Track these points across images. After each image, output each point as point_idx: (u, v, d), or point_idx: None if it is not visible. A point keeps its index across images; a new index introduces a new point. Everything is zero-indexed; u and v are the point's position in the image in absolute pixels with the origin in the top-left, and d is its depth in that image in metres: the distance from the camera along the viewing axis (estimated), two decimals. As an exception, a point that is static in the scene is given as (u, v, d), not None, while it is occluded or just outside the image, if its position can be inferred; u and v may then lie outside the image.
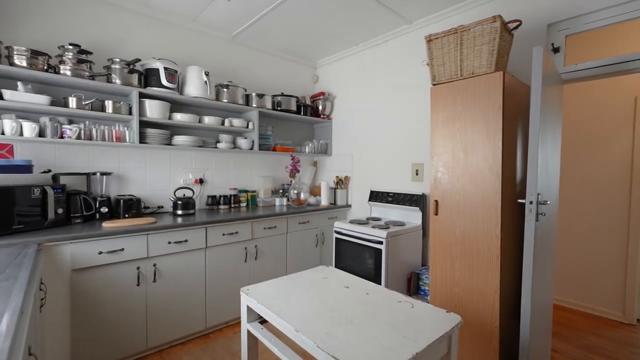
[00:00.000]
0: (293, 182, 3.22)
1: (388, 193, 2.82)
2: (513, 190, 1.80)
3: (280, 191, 3.33)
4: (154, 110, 2.33)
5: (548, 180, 1.70)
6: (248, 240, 2.53)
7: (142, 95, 2.32)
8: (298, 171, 3.25)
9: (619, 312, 2.63)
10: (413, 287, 2.40)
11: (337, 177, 3.39)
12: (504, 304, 1.76)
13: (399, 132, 2.88)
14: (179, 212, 2.45)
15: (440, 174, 1.95)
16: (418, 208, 2.55)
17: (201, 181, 2.84)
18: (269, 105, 3.03)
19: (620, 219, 2.65)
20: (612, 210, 2.69)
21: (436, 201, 1.97)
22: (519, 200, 1.63)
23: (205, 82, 2.54)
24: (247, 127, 2.90)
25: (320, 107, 3.51)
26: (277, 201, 3.15)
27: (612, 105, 2.70)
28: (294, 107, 3.21)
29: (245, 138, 2.98)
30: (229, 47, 3.03)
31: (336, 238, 2.65)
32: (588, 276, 2.81)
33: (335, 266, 2.66)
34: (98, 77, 2.17)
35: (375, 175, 3.10)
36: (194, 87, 2.51)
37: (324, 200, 3.20)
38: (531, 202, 1.45)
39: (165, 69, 2.32)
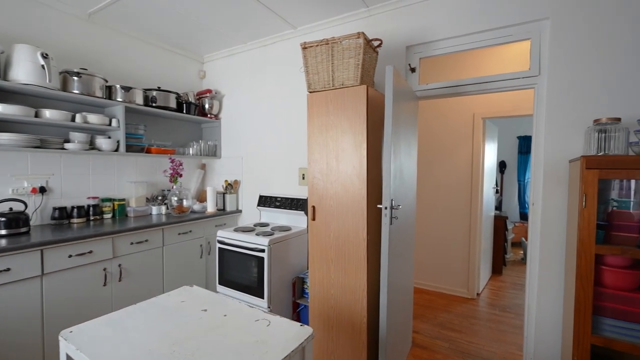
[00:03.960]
0: (174, 187, 2.89)
1: (276, 198, 2.79)
2: (378, 195, 1.97)
3: (160, 198, 2.95)
4: (-48, 97, 1.73)
5: (403, 186, 1.91)
6: (108, 259, 2.14)
7: None
8: (180, 175, 2.93)
9: (464, 289, 3.22)
10: (298, 291, 2.42)
11: (226, 181, 3.20)
12: (372, 300, 1.91)
13: (287, 136, 2.87)
14: (1, 232, 1.89)
15: (316, 180, 2.00)
16: (303, 212, 2.58)
17: (43, 190, 2.27)
18: (140, 100, 2.63)
19: (464, 215, 3.24)
20: (458, 208, 3.27)
21: (313, 207, 2.01)
22: (378, 206, 1.79)
23: (43, 66, 2.03)
24: (110, 124, 2.45)
25: (206, 106, 3.25)
26: (154, 210, 2.78)
27: (458, 120, 3.27)
28: (173, 104, 2.88)
29: (109, 137, 2.52)
30: (84, 27, 2.51)
31: (219, 248, 2.47)
32: (443, 262, 3.35)
33: (219, 278, 2.49)
34: None
35: (265, 179, 3.03)
36: (25, 72, 1.98)
37: (211, 207, 2.97)
38: (386, 208, 1.59)
39: (-28, 44, 1.75)
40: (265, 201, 2.86)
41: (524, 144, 5.72)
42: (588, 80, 1.71)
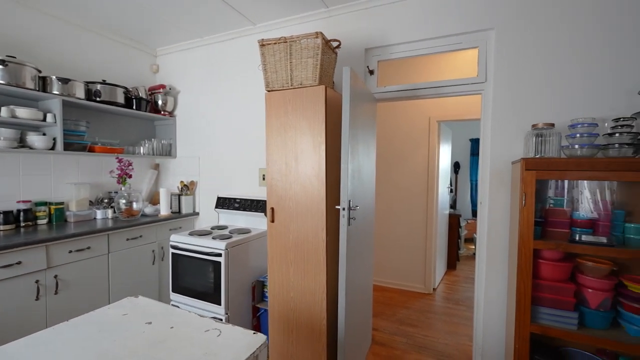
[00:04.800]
0: (123, 189, 2.68)
1: (235, 199, 2.69)
2: (337, 196, 1.97)
3: (106, 201, 2.72)
4: None
5: (362, 187, 1.94)
6: (41, 270, 1.92)
7: None
8: (130, 176, 2.72)
9: (422, 285, 3.35)
10: (258, 295, 2.35)
11: (182, 182, 3.03)
12: (331, 301, 1.91)
13: (246, 135, 2.79)
14: None
15: (275, 181, 1.96)
16: (264, 214, 2.52)
17: (-41, 194, 1.98)
18: (81, 93, 2.40)
19: (421, 214, 3.37)
20: (415, 208, 3.40)
21: (272, 208, 1.97)
22: (336, 207, 1.79)
23: (-43, 51, 1.77)
24: (45, 120, 2.20)
25: (160, 102, 3.05)
26: (99, 214, 2.56)
27: (415, 123, 3.40)
28: (121, 100, 2.66)
29: (44, 134, 2.26)
30: (13, 9, 2.23)
31: (173, 253, 2.33)
32: (402, 260, 3.46)
33: (173, 285, 2.35)
34: None
35: (224, 180, 2.92)
36: None
37: (164, 210, 2.79)
38: (343, 209, 1.60)
39: None
40: (223, 203, 2.75)
41: (476, 146, 6.11)
42: (528, 87, 1.85)
